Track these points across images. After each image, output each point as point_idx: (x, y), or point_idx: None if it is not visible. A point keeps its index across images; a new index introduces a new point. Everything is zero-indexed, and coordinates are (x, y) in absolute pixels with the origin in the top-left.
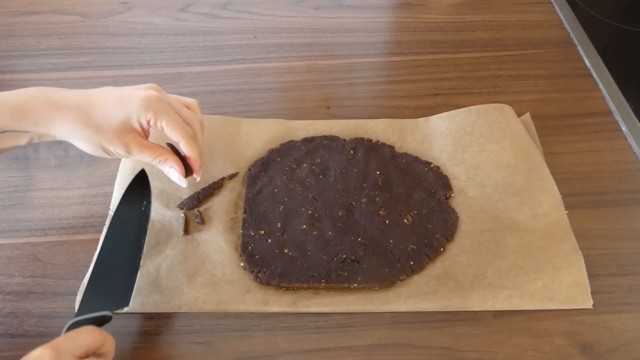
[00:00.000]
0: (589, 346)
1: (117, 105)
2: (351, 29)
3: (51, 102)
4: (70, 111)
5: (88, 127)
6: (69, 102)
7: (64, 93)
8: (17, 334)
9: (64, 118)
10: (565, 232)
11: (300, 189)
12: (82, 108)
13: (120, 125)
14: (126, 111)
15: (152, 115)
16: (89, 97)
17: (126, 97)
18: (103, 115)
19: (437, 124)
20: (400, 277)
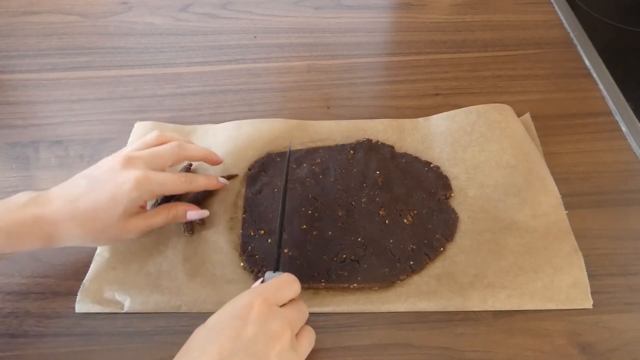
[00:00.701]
0: (589, 346)
1: (109, 205)
2: (351, 29)
3: (43, 220)
4: (65, 224)
5: (89, 234)
6: (60, 215)
7: (52, 206)
8: (17, 334)
9: (61, 232)
10: (565, 232)
11: (300, 189)
12: (75, 219)
13: (119, 220)
14: (120, 207)
15: (148, 197)
16: (79, 205)
17: (115, 194)
18: (99, 220)
19: (437, 124)
20: (400, 277)
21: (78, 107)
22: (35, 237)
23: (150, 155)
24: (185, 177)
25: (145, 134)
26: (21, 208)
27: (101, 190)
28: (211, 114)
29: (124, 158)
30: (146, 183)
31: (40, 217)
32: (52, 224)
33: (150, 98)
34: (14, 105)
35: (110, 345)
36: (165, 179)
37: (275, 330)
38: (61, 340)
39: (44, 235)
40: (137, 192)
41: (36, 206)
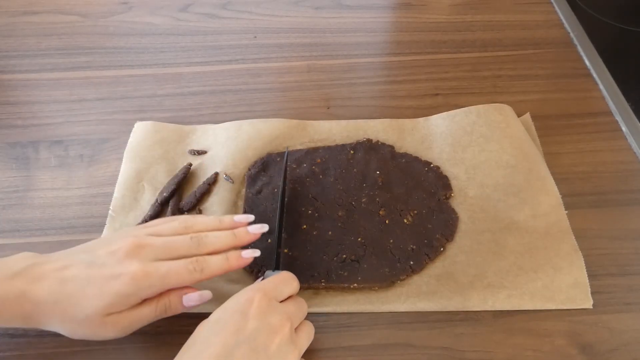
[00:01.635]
0: (589, 346)
1: (99, 294)
2: (351, 29)
3: (25, 299)
4: (47, 307)
5: (68, 323)
6: (45, 297)
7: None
8: (17, 334)
9: (41, 315)
10: (565, 232)
11: (300, 189)
12: (58, 303)
13: (96, 314)
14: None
15: (146, 294)
16: (66, 288)
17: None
18: (80, 310)
19: (437, 124)
20: (400, 277)
21: (78, 107)
22: (14, 315)
23: (163, 245)
24: (195, 266)
25: (145, 134)
26: (9, 279)
27: (95, 275)
28: (211, 114)
29: (134, 244)
30: (144, 280)
31: (24, 295)
32: (34, 304)
33: (150, 98)
34: (14, 105)
35: (110, 346)
36: (169, 272)
37: (275, 324)
38: (61, 340)
39: (23, 314)
40: (132, 289)
41: (25, 280)
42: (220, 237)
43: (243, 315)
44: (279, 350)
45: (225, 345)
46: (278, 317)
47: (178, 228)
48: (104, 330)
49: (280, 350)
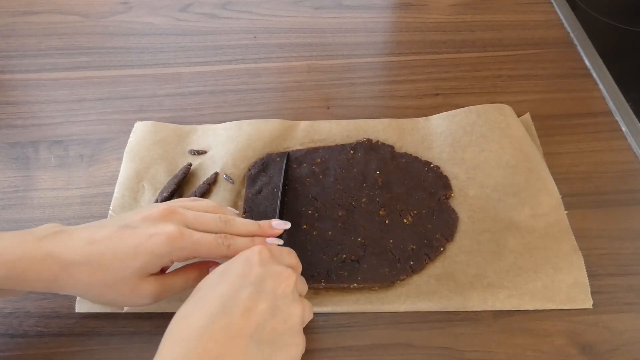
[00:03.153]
0: (589, 346)
1: (133, 253)
2: (351, 29)
3: (52, 259)
4: (74, 268)
5: (96, 285)
6: (73, 257)
7: (66, 244)
8: (17, 334)
9: (68, 277)
10: (564, 232)
11: (300, 189)
12: (87, 264)
13: (132, 276)
14: (139, 260)
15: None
16: (97, 248)
17: (139, 245)
18: (112, 271)
19: (437, 124)
20: (400, 277)
21: (78, 107)
22: (38, 277)
23: (194, 217)
24: (223, 240)
25: (145, 134)
26: (36, 241)
27: (128, 236)
28: (211, 114)
29: (167, 209)
30: (179, 240)
31: (51, 256)
32: (61, 265)
33: (150, 98)
34: (14, 105)
35: (110, 345)
36: (200, 240)
37: (280, 272)
38: (61, 340)
39: (48, 276)
40: (167, 248)
41: (52, 242)
42: (246, 224)
43: (248, 263)
44: (284, 295)
45: (231, 286)
46: (282, 268)
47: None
48: (135, 295)
49: (285, 295)
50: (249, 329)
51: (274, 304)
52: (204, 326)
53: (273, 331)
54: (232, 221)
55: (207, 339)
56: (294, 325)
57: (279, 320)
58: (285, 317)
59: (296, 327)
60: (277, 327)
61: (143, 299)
